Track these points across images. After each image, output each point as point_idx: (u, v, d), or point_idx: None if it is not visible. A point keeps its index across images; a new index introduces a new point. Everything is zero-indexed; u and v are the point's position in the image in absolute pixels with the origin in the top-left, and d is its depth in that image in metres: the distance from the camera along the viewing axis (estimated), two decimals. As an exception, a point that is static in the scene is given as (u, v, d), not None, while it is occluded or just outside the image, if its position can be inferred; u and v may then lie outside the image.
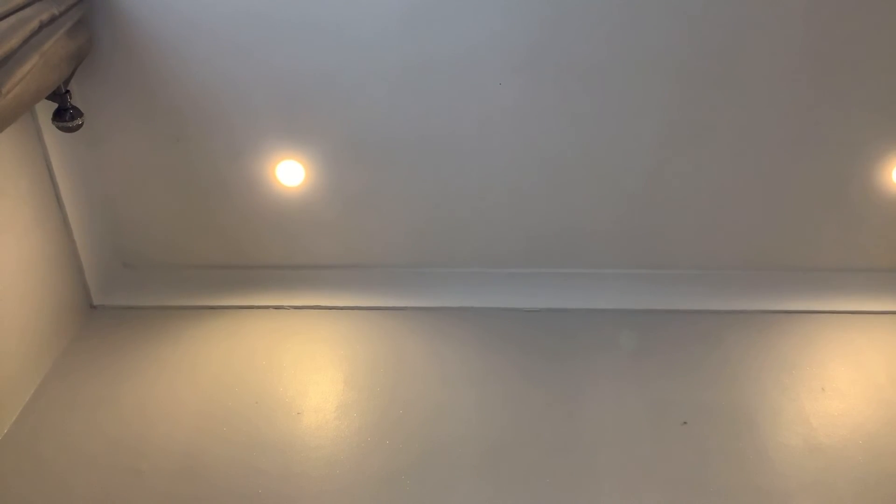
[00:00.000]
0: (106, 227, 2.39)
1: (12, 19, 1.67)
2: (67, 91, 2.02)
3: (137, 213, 2.39)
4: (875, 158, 2.23)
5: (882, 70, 2.08)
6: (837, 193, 2.31)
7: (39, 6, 1.77)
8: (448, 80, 2.12)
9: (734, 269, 2.46)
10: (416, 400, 2.05)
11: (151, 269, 2.49)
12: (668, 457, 1.88)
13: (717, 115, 2.17)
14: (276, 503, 1.78)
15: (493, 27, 2.03)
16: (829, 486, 1.80)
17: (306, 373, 2.15)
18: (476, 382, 2.12)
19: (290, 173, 2.30)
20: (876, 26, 2.01)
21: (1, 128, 1.62)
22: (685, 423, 1.97)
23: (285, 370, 2.15)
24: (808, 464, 1.85)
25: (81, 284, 2.33)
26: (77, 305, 2.32)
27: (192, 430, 1.96)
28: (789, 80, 2.11)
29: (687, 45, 2.06)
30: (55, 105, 2.03)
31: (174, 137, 2.23)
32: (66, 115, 2.03)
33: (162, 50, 2.07)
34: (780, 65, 2.08)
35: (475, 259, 2.48)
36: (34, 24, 1.73)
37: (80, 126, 2.06)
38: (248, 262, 2.49)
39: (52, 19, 1.80)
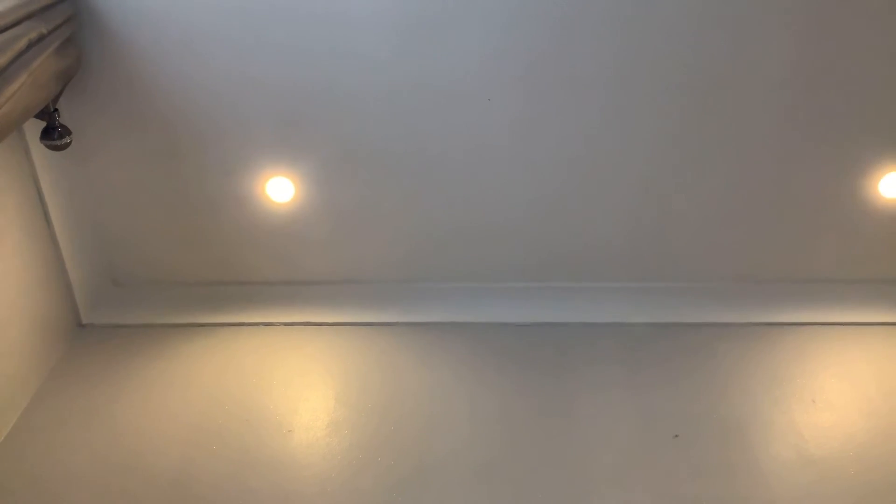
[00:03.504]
0: (95, 245, 2.39)
1: (0, 38, 1.67)
2: (56, 109, 2.02)
3: (126, 230, 2.38)
4: (864, 170, 2.24)
5: (873, 84, 2.10)
6: (828, 205, 2.32)
7: (28, 25, 1.77)
8: (440, 96, 2.13)
9: (725, 282, 2.47)
10: (407, 416, 2.05)
11: (141, 287, 2.48)
12: (660, 469, 1.88)
13: (711, 129, 2.19)
14: (267, 522, 1.78)
15: (488, 43, 2.05)
16: (821, 497, 1.80)
17: (297, 390, 2.14)
18: (468, 398, 2.11)
19: (280, 190, 2.30)
20: (867, 41, 2.04)
21: (-12, 146, 1.62)
22: (677, 435, 1.97)
23: (276, 387, 2.14)
24: (800, 476, 1.85)
25: (70, 302, 2.32)
26: (65, 324, 2.30)
27: (182, 448, 1.95)
28: (782, 95, 2.13)
29: (682, 62, 2.07)
30: (43, 123, 2.02)
31: (163, 155, 2.23)
32: (54, 134, 2.03)
33: (150, 68, 2.07)
34: (774, 80, 2.10)
35: (466, 274, 2.48)
36: (22, 42, 1.73)
37: (68, 144, 2.06)
38: (238, 278, 2.48)
39: (41, 38, 1.80)
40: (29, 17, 1.78)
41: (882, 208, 2.31)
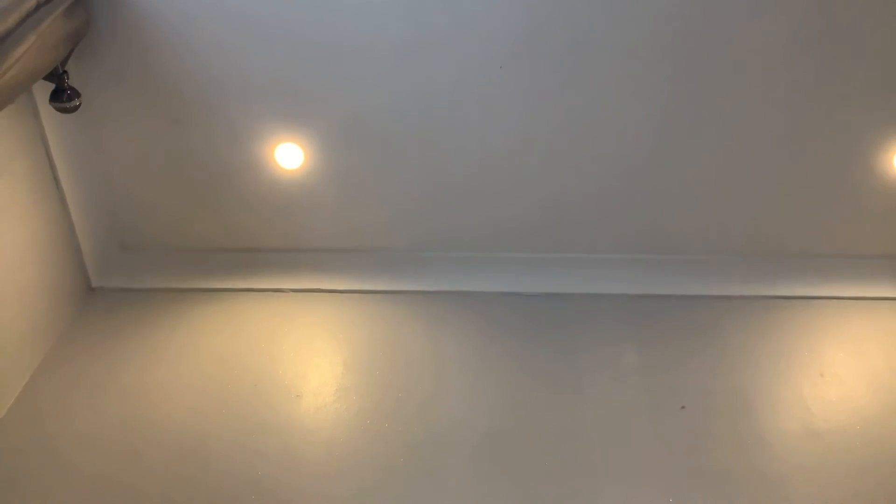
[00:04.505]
0: (104, 209, 2.39)
1: (9, -1, 1.66)
2: (65, 72, 2.00)
3: (136, 194, 2.38)
4: (876, 144, 2.22)
5: (882, 55, 2.07)
6: (837, 179, 2.30)
7: (36, -15, 1.76)
8: (447, 63, 2.11)
9: (734, 255, 2.46)
10: (414, 383, 2.06)
11: (150, 252, 2.48)
12: (666, 441, 1.89)
13: (718, 100, 2.16)
14: (275, 485, 1.79)
15: (491, 8, 2.02)
16: (827, 470, 1.81)
17: (305, 356, 2.15)
18: (474, 366, 2.12)
19: (289, 156, 2.29)
20: (875, 12, 2.00)
21: (-2, 108, 1.61)
22: (683, 407, 1.98)
23: (285, 353, 2.15)
24: (806, 449, 1.86)
25: (80, 267, 2.33)
26: (76, 288, 2.31)
27: (191, 412, 1.97)
28: (789, 65, 2.10)
29: (687, 29, 2.04)
30: (53, 86, 2.01)
31: (172, 119, 2.22)
32: (63, 96, 2.02)
33: (159, 30, 2.05)
34: (780, 49, 2.07)
35: (474, 243, 2.47)
36: (31, 3, 1.72)
37: (77, 107, 2.05)
38: (248, 244, 2.48)
39: (49, -1, 1.79)
40: (37, -23, 1.76)
41: (894, 183, 2.28)
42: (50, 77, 1.97)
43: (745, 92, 2.15)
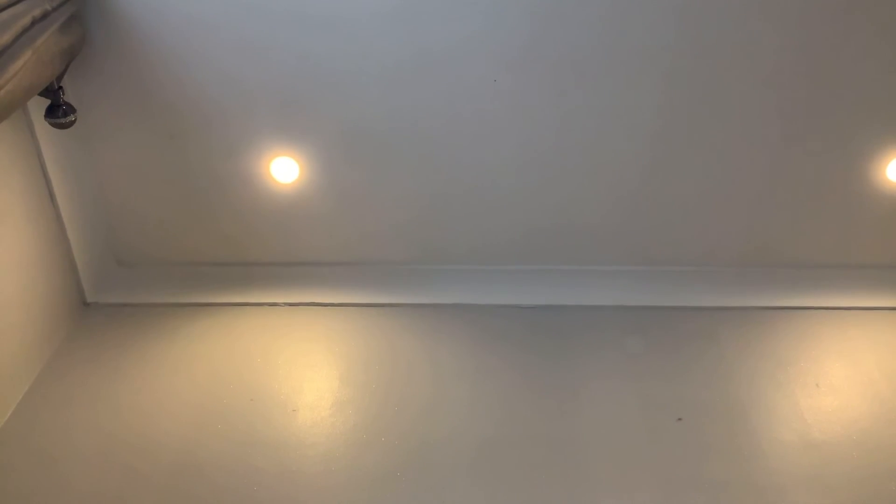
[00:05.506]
0: (99, 224, 2.39)
1: (5, 15, 1.67)
2: (60, 87, 2.01)
3: (131, 209, 2.38)
4: (870, 154, 2.23)
5: (877, 66, 2.09)
6: (832, 190, 2.31)
7: (32, 2, 1.76)
8: (442, 76, 2.12)
9: (729, 266, 2.46)
10: (411, 397, 2.05)
11: (145, 266, 2.48)
12: (663, 453, 1.89)
13: (713, 110, 2.17)
14: (272, 500, 1.78)
15: (487, 22, 2.03)
16: (824, 481, 1.81)
17: (301, 370, 2.15)
18: (471, 379, 2.12)
19: (284, 170, 2.29)
20: (870, 23, 2.02)
21: (-7, 124, 1.61)
22: (680, 419, 1.97)
23: (280, 367, 2.15)
24: (803, 459, 1.85)
25: (75, 282, 2.32)
26: (70, 303, 2.31)
27: (187, 427, 1.96)
28: (784, 77, 2.11)
29: (682, 40, 2.06)
30: (48, 101, 2.01)
31: (168, 134, 2.22)
32: (58, 112, 2.02)
33: (155, 46, 2.06)
34: (775, 61, 2.08)
35: (469, 256, 2.48)
36: (27, 19, 1.72)
37: (72, 122, 2.05)
38: (243, 258, 2.48)
39: (45, 15, 1.80)
40: (33, -7, 1.77)
41: (889, 193, 2.29)
42: (45, 93, 1.97)
43: (739, 105, 2.16)
